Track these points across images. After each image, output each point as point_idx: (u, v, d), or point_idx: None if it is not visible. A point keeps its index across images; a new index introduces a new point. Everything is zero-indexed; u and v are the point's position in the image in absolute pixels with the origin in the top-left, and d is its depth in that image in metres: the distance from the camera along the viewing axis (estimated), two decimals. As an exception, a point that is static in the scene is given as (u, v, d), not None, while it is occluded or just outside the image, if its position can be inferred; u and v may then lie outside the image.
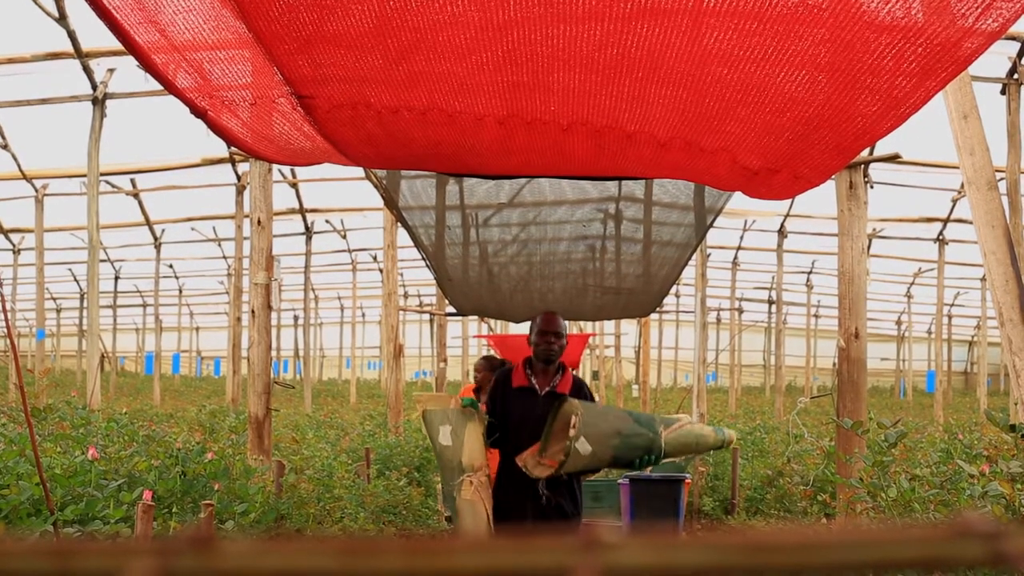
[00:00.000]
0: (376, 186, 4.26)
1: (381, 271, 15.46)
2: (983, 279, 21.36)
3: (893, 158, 9.58)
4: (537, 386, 4.54)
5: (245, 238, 12.07)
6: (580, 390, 4.57)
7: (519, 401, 4.51)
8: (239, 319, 13.87)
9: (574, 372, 4.74)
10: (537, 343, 4.52)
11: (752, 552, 0.28)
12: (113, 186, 15.50)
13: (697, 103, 2.35)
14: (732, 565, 0.28)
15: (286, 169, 14.86)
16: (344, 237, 21.96)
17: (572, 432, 3.99)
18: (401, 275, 22.97)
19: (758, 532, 0.29)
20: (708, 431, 4.32)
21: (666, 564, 0.28)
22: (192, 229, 19.67)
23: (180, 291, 28.55)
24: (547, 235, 5.43)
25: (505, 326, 25.01)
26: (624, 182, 4.39)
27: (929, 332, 32.80)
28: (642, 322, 16.95)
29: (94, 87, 10.41)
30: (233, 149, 10.88)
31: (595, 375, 27.27)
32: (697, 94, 2.29)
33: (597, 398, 4.51)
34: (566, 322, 4.66)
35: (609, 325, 23.27)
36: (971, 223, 5.07)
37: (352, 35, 2.02)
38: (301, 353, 21.05)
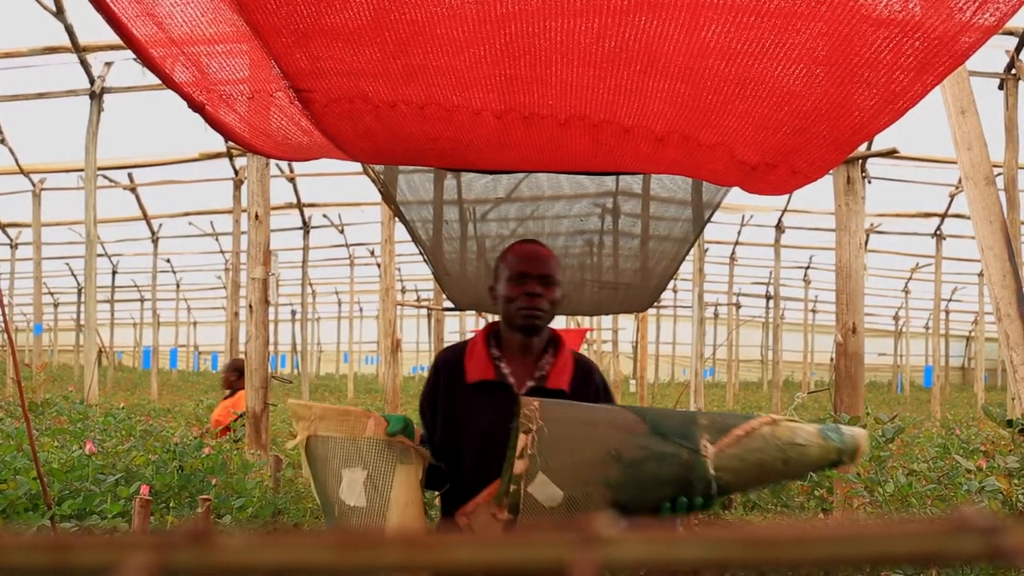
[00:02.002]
0: (374, 181, 4.25)
1: (379, 266, 15.46)
2: (980, 274, 21.37)
3: (891, 153, 9.60)
4: (512, 378, 2.69)
5: (243, 233, 12.06)
6: (587, 383, 2.74)
7: (479, 408, 2.65)
8: (236, 314, 13.87)
9: (577, 352, 2.87)
10: (510, 296, 2.66)
11: (750, 546, 0.28)
12: (110, 180, 15.47)
13: (695, 97, 2.35)
14: (730, 560, 0.28)
15: (284, 164, 14.85)
16: (342, 232, 21.95)
17: (519, 465, 2.23)
18: (399, 270, 22.97)
19: (756, 527, 0.29)
20: (808, 435, 2.33)
21: (664, 559, 0.28)
22: (189, 224, 19.65)
23: (177, 286, 28.56)
24: (544, 230, 5.42)
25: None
26: (622, 177, 4.37)
27: (926, 327, 32.86)
28: (640, 317, 16.95)
29: (91, 81, 10.39)
30: (231, 144, 10.87)
31: (593, 370, 27.24)
32: (695, 88, 2.29)
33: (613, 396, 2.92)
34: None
35: (607, 320, 23.27)
36: (969, 218, 5.07)
37: (350, 28, 2.02)
38: (299, 348, 21.05)
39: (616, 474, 2.23)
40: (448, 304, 7.19)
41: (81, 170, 11.16)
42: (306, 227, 18.58)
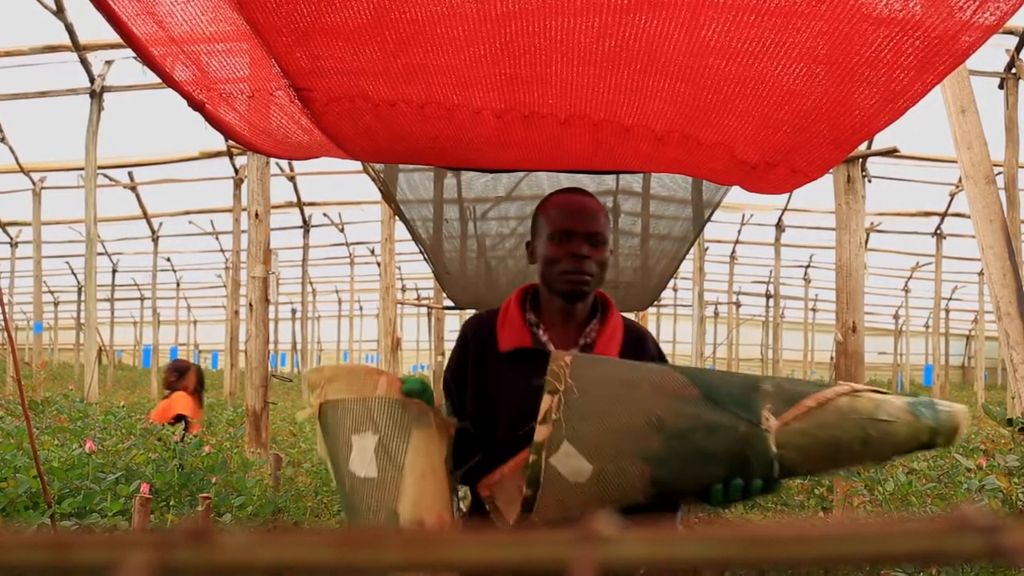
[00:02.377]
0: (374, 179, 4.25)
1: (379, 264, 15.46)
2: (981, 273, 21.38)
3: (891, 152, 9.60)
4: (551, 347, 2.33)
5: (243, 231, 12.07)
6: (639, 353, 2.38)
7: (514, 379, 2.30)
8: (237, 312, 13.87)
9: (628, 318, 2.50)
10: (551, 257, 2.32)
11: (750, 545, 0.28)
12: (110, 179, 15.48)
13: (695, 96, 2.35)
14: (730, 558, 0.28)
15: (284, 163, 14.86)
16: (342, 231, 21.95)
17: (541, 431, 1.92)
18: (399, 268, 22.98)
19: (756, 525, 0.29)
20: (895, 410, 1.95)
21: (664, 557, 0.28)
22: (190, 222, 19.65)
23: (177, 284, 28.55)
24: (545, 228, 5.41)
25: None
26: (622, 176, 4.37)
27: (927, 326, 32.85)
28: (640, 315, 16.96)
29: (92, 80, 10.39)
30: (231, 142, 10.86)
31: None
32: (695, 87, 2.29)
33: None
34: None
35: (607, 319, 23.19)
36: (969, 217, 5.07)
37: (350, 27, 2.02)
38: (299, 346, 21.05)
39: (657, 446, 1.88)
40: (448, 303, 7.20)
41: (81, 169, 11.16)
42: (306, 226, 18.58)
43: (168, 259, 25.71)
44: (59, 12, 9.50)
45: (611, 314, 2.43)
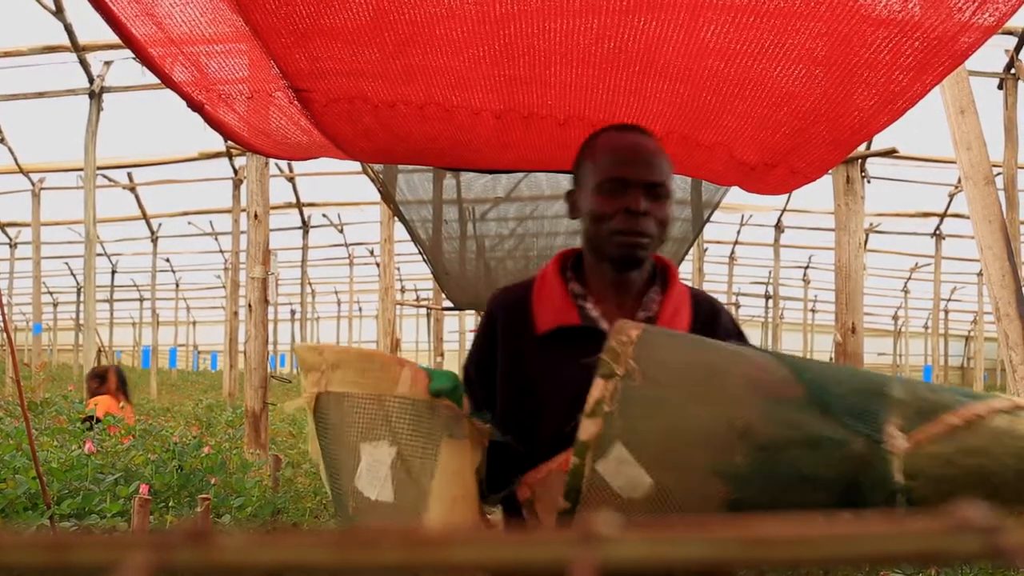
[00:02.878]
0: (373, 180, 4.25)
1: (378, 265, 15.45)
2: (980, 274, 21.38)
3: (890, 153, 9.61)
4: (604, 323, 1.86)
5: (242, 232, 12.06)
6: (712, 329, 1.89)
7: (558, 366, 1.84)
8: (236, 313, 13.87)
9: (694, 287, 2.08)
10: (600, 212, 1.85)
11: (751, 545, 0.28)
12: (110, 180, 15.47)
13: (694, 97, 2.35)
14: (731, 558, 0.28)
15: (283, 163, 14.86)
16: (341, 231, 21.95)
17: (588, 427, 1.48)
18: (398, 269, 22.96)
19: (757, 525, 0.29)
20: None
21: (665, 558, 0.28)
22: (189, 223, 19.65)
23: (177, 285, 28.54)
24: (544, 229, 5.41)
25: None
26: (621, 176, 4.36)
27: (926, 327, 32.84)
28: (639, 317, 16.91)
29: (91, 80, 10.39)
30: (230, 143, 10.83)
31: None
32: (694, 88, 2.29)
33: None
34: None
35: (606, 320, 23.15)
36: (968, 218, 5.07)
37: (349, 29, 2.02)
38: (298, 347, 21.01)
39: (740, 460, 1.43)
40: (447, 303, 7.20)
41: (80, 169, 11.16)
42: (305, 226, 18.59)
43: (167, 260, 25.69)
44: (58, 12, 9.50)
45: (673, 282, 1.94)
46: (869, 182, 9.73)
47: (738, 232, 22.19)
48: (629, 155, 1.86)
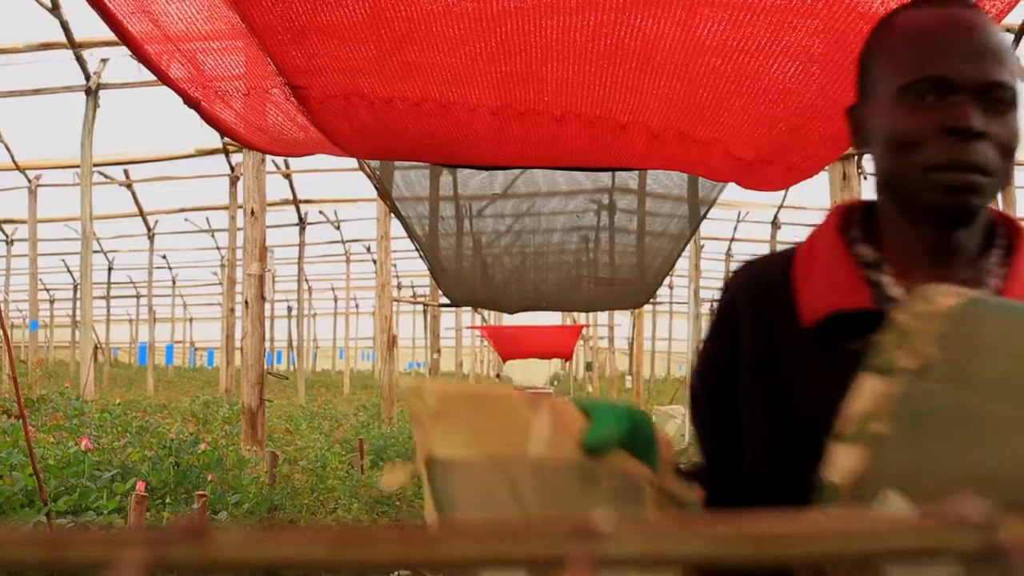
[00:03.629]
0: (370, 177, 4.25)
1: (375, 262, 15.44)
2: (976, 270, 21.37)
3: (887, 149, 9.58)
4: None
5: (239, 229, 12.05)
6: None
7: (833, 374, 0.99)
8: (232, 310, 13.86)
9: None
10: (909, 136, 1.07)
11: (748, 542, 0.28)
12: (106, 177, 15.45)
13: (691, 94, 2.35)
14: (729, 554, 0.28)
15: (280, 160, 14.84)
16: (338, 228, 21.94)
17: (844, 457, 0.83)
18: (395, 266, 22.95)
19: (754, 522, 0.29)
20: None
21: (662, 554, 0.28)
22: (185, 220, 19.64)
23: (173, 282, 28.53)
24: (541, 226, 5.42)
25: (499, 317, 25.01)
26: (618, 173, 4.36)
27: (922, 323, 32.85)
28: (635, 313, 16.95)
29: (87, 77, 10.38)
30: (227, 140, 10.82)
31: (588, 366, 27.28)
32: (691, 85, 2.29)
33: None
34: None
35: (602, 316, 23.27)
36: (964, 214, 5.05)
37: (346, 25, 2.02)
38: (295, 344, 21.05)
39: None
40: (444, 300, 7.19)
41: (77, 166, 11.15)
42: (302, 223, 18.57)
43: (164, 256, 25.68)
44: (55, 9, 9.48)
45: (1021, 244, 1.19)
46: (865, 178, 9.72)
47: (735, 228, 22.19)
48: (951, 39, 1.12)
